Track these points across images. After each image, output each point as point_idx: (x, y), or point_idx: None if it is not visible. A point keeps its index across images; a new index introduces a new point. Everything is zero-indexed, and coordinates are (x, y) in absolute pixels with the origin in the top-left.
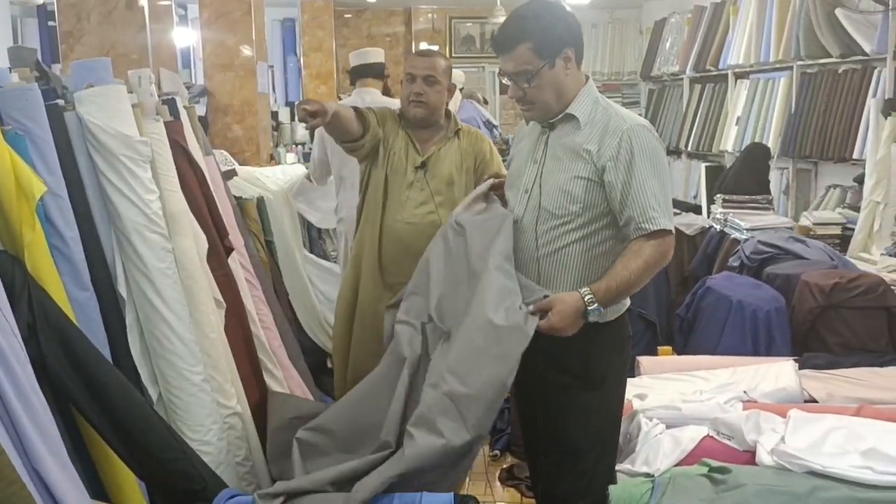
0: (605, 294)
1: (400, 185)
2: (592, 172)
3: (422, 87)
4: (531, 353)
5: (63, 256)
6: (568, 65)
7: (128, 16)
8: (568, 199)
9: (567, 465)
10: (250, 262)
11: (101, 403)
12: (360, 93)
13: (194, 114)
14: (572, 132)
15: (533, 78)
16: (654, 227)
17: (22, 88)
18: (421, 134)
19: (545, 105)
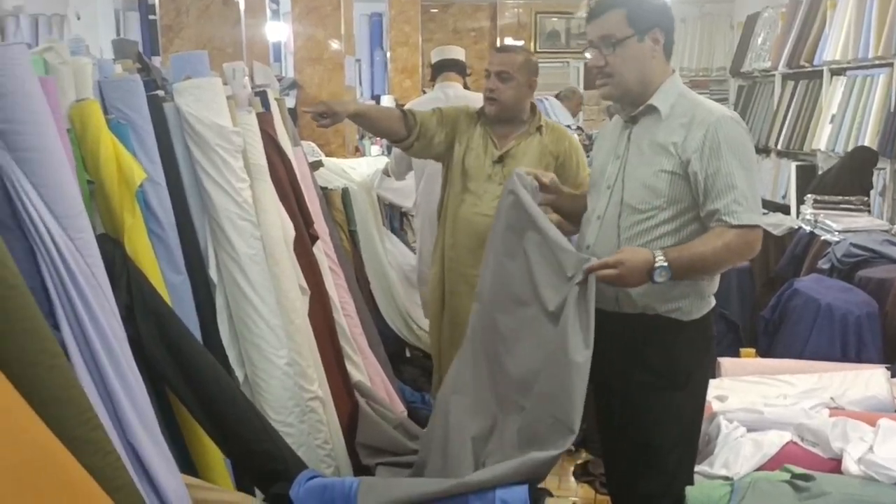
0: (676, 260)
1: (478, 179)
2: (677, 165)
3: (495, 84)
4: (612, 349)
5: (160, 241)
6: (656, 47)
7: (224, 11)
8: (651, 193)
9: (647, 465)
10: (334, 251)
11: (193, 383)
12: (442, 87)
13: (284, 106)
14: (655, 125)
15: (618, 45)
16: (737, 221)
17: (125, 80)
18: (500, 129)
19: (624, 81)
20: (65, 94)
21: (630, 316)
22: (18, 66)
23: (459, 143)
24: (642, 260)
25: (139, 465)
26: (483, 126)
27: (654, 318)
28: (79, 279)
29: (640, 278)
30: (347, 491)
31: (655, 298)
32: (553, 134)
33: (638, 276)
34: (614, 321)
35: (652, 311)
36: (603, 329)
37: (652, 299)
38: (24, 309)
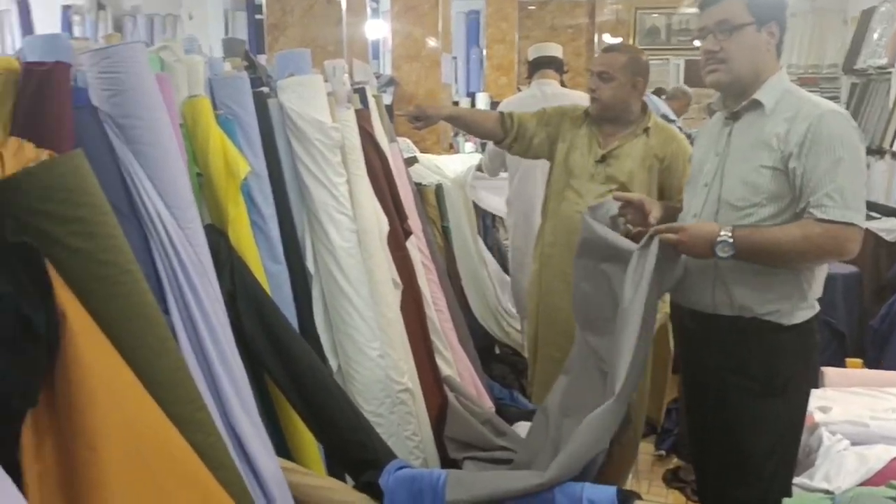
0: (743, 238)
1: (581, 178)
2: (778, 160)
3: (595, 83)
4: (706, 351)
5: (261, 232)
6: (770, 40)
7: (327, 10)
8: (751, 190)
9: (740, 474)
10: (427, 247)
11: (289, 369)
12: (539, 84)
13: (381, 103)
14: (758, 120)
15: (736, 31)
16: (824, 215)
17: (233, 77)
18: (606, 128)
19: (736, 68)
20: (178, 90)
21: (726, 318)
22: (137, 64)
23: (563, 141)
24: (707, 230)
25: (239, 447)
26: (590, 125)
27: (751, 321)
28: (188, 267)
29: (702, 249)
30: (435, 482)
31: (753, 300)
32: (661, 135)
33: (701, 247)
34: (709, 323)
35: (749, 314)
36: (697, 330)
37: (749, 300)
38: (139, 293)
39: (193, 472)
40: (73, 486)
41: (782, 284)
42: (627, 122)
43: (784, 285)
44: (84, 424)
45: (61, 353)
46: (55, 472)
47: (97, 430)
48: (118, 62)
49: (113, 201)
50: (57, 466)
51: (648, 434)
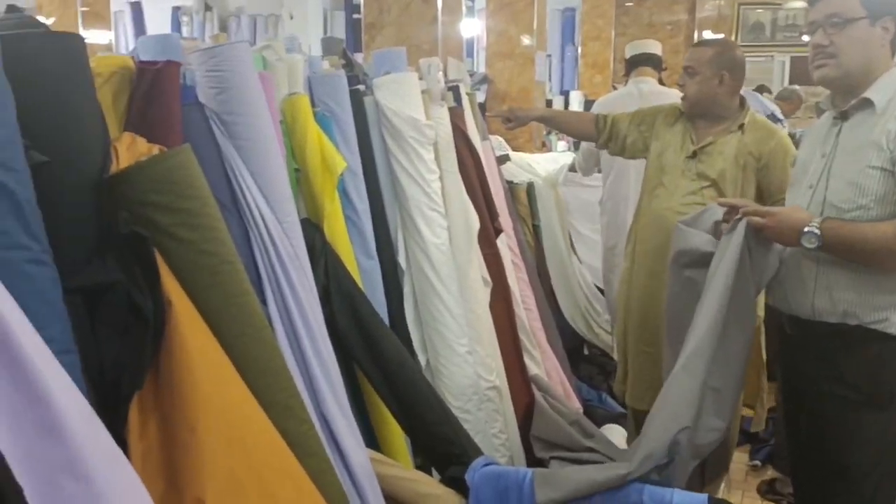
0: (830, 230)
1: (672, 174)
2: (887, 161)
3: (683, 79)
4: (805, 358)
5: (355, 227)
6: (885, 36)
7: (423, 9)
8: (857, 192)
9: (839, 489)
10: (517, 245)
11: (379, 364)
12: (636, 81)
13: (474, 100)
14: (867, 120)
15: (847, 25)
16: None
17: (331, 75)
18: (700, 124)
19: (846, 63)
20: (279, 88)
21: (827, 324)
22: (242, 63)
23: (657, 139)
24: (796, 218)
25: (330, 436)
26: (684, 122)
27: (855, 329)
28: (285, 259)
29: (788, 237)
30: (521, 481)
31: (858, 306)
32: (758, 133)
33: (787, 235)
34: (810, 329)
35: (854, 321)
36: (796, 337)
37: (854, 307)
38: (238, 283)
39: (286, 460)
40: (173, 466)
41: (892, 292)
42: (720, 117)
43: (894, 293)
44: (185, 407)
45: (166, 339)
46: (157, 451)
47: (197, 413)
48: (224, 61)
49: (217, 195)
50: (159, 446)
51: (743, 443)
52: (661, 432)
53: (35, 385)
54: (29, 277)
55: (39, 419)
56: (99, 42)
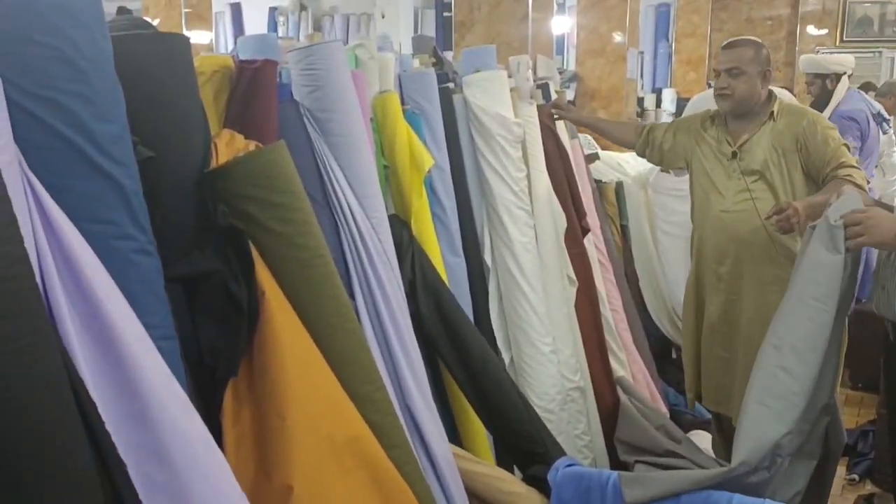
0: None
1: (721, 178)
2: None
3: (726, 81)
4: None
5: (441, 224)
6: None
7: (513, 7)
8: None
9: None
10: (604, 245)
11: (463, 360)
12: None
13: (564, 98)
14: None
15: None
16: None
17: (421, 73)
18: (735, 124)
19: None
20: (370, 85)
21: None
22: (335, 62)
23: (699, 145)
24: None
25: (414, 429)
26: (718, 126)
27: None
28: (373, 254)
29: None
30: (605, 482)
31: None
32: (789, 117)
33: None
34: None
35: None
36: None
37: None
38: (329, 276)
39: (371, 450)
40: (264, 452)
41: None
42: (755, 114)
43: None
44: (276, 394)
45: (260, 329)
46: (250, 436)
47: (287, 401)
48: (318, 60)
49: (309, 190)
50: (252, 432)
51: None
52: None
53: (127, 374)
54: (136, 266)
55: (128, 406)
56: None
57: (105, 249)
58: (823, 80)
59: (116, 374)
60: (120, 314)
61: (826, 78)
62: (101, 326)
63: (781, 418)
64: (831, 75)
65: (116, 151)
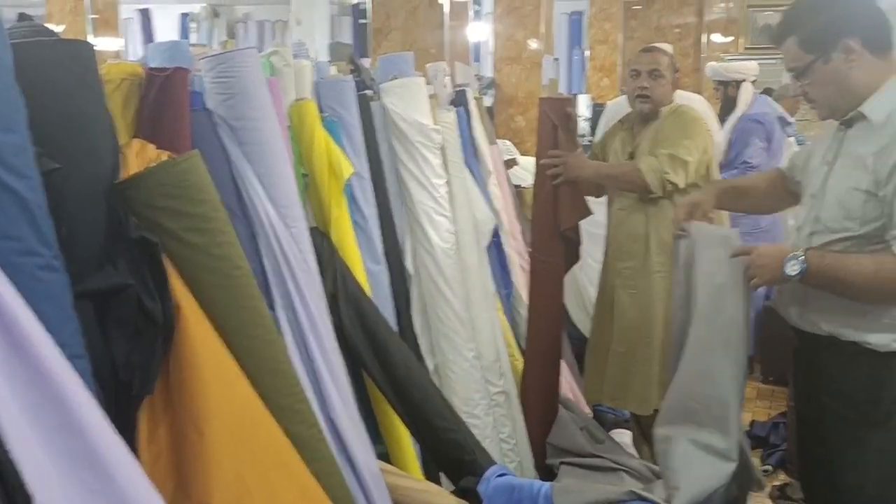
0: (815, 259)
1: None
2: (871, 184)
3: (647, 82)
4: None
5: (362, 231)
6: (851, 56)
7: (429, 13)
8: (844, 213)
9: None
10: (525, 250)
11: (387, 369)
12: None
13: (482, 105)
14: (864, 134)
15: (804, 74)
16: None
17: (339, 80)
18: (638, 128)
19: (827, 102)
20: (286, 93)
21: (823, 338)
22: (249, 69)
23: (611, 147)
24: (779, 248)
25: (338, 441)
26: (625, 130)
27: (849, 344)
28: (293, 264)
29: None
30: (536, 494)
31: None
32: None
33: (771, 265)
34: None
35: (845, 337)
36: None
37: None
38: (247, 288)
39: (293, 464)
40: (182, 469)
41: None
42: (656, 118)
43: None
44: (193, 409)
45: (175, 343)
46: (167, 454)
47: (205, 415)
48: (232, 67)
49: (225, 200)
50: (169, 450)
51: (754, 448)
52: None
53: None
54: (41, 283)
55: (58, 416)
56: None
57: (8, 266)
58: (725, 86)
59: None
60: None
61: (727, 85)
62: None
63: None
64: (731, 82)
65: (18, 163)
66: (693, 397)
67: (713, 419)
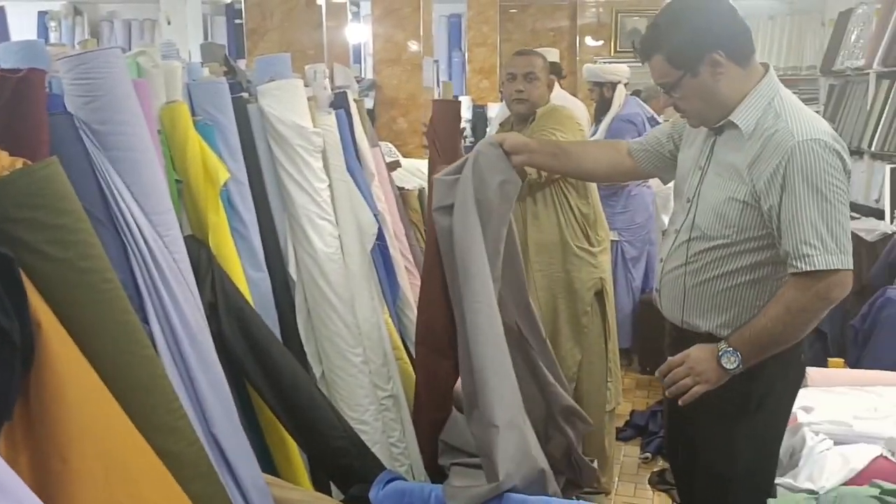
0: (739, 342)
1: None
2: (748, 195)
3: (522, 84)
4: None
5: (242, 238)
6: (718, 69)
7: (306, 14)
8: (721, 222)
9: (711, 493)
10: (410, 252)
11: (272, 379)
12: None
13: (363, 107)
14: (735, 142)
15: (674, 89)
16: (808, 266)
17: (212, 82)
18: (519, 129)
19: (698, 113)
20: (156, 96)
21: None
22: (113, 70)
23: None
24: (708, 349)
25: (220, 455)
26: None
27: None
28: (167, 274)
29: (711, 369)
30: (427, 497)
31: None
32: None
33: (709, 368)
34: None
35: (721, 333)
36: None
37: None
38: (117, 302)
39: (169, 485)
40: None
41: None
42: (534, 117)
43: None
44: (57, 436)
45: (35, 364)
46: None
47: (70, 442)
48: (94, 68)
49: (89, 209)
50: (30, 481)
51: (634, 436)
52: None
53: None
54: None
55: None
56: None
57: None
58: (601, 88)
59: None
60: None
61: (603, 86)
62: None
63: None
64: (607, 84)
65: None
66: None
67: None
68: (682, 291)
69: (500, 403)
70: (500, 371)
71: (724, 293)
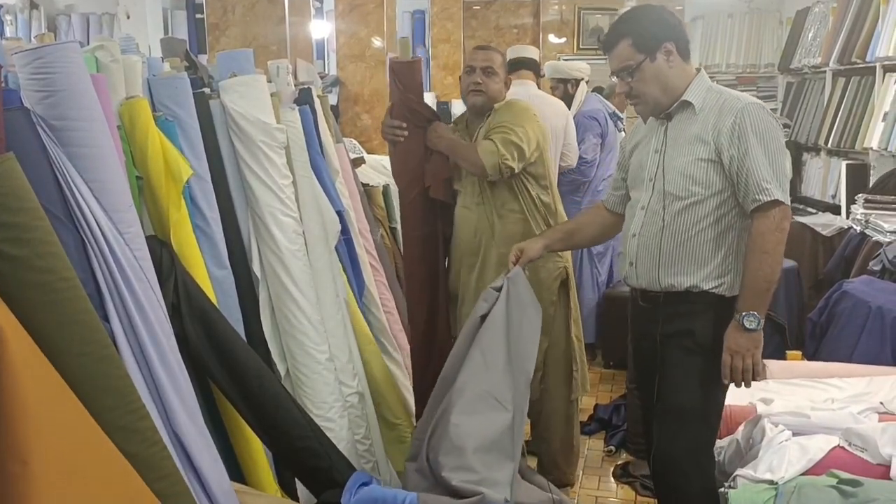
0: (743, 301)
1: (458, 178)
2: (712, 153)
3: (480, 77)
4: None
5: (205, 236)
6: (670, 58)
7: (269, 9)
8: (691, 181)
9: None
10: (374, 248)
11: (236, 379)
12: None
13: (327, 103)
14: (689, 119)
15: (635, 72)
16: (768, 197)
17: (173, 77)
18: (475, 124)
19: (652, 98)
20: (115, 91)
21: (676, 293)
22: (71, 64)
23: None
24: (731, 330)
25: (184, 456)
26: (459, 129)
27: (700, 294)
28: (127, 272)
29: (745, 338)
30: None
31: (700, 280)
32: (498, 113)
33: (745, 342)
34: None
35: (697, 289)
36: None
37: (697, 280)
38: (77, 301)
39: (133, 487)
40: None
41: (723, 262)
42: (490, 112)
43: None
44: (16, 438)
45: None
46: None
47: (29, 444)
48: (51, 63)
49: (47, 206)
50: None
51: (598, 430)
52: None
53: None
54: None
55: None
56: None
57: None
58: (565, 84)
59: None
60: None
61: (567, 83)
62: None
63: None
64: (572, 80)
65: None
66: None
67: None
68: (663, 254)
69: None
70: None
71: (702, 246)
